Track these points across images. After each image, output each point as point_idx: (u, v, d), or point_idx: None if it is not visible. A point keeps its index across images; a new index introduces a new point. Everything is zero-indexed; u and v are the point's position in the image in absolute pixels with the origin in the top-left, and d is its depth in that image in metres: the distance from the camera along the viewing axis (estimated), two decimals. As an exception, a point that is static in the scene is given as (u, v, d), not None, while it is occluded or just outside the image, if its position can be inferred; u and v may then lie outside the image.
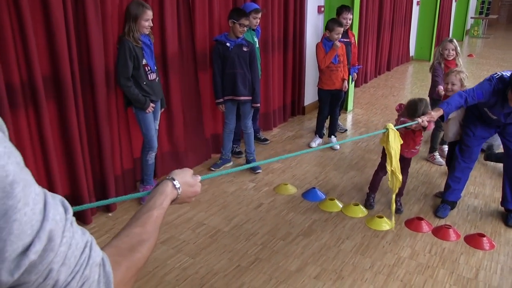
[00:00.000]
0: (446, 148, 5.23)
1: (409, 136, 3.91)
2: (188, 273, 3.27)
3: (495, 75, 3.76)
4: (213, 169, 4.91)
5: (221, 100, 4.69)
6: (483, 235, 3.77)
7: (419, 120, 3.60)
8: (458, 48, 5.22)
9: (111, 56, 3.81)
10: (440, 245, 3.72)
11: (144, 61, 3.84)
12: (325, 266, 3.38)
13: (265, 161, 3.14)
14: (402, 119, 3.87)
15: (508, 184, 4.06)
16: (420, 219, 4.00)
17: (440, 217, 4.10)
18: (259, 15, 4.96)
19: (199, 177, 1.47)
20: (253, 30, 5.03)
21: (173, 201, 1.34)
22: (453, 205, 4.24)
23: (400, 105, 4.19)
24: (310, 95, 7.01)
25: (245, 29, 4.49)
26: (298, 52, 6.55)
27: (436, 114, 3.71)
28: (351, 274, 3.30)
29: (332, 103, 5.69)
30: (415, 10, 11.87)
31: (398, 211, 4.16)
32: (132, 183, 4.39)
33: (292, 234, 3.79)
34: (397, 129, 3.42)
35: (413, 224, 3.97)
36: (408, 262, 3.47)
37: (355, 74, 6.34)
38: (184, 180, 1.37)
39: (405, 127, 3.70)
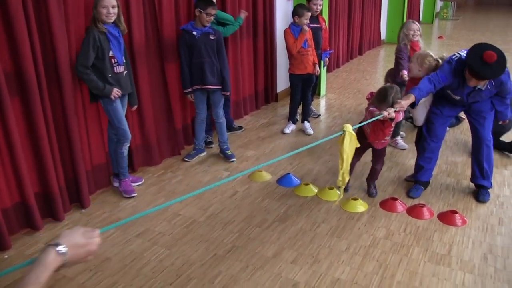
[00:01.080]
0: (399, 139, 5.29)
1: (378, 127, 3.84)
2: (164, 265, 3.25)
3: (453, 57, 3.78)
4: (187, 159, 4.88)
5: (189, 89, 4.64)
6: (456, 212, 3.82)
7: (385, 113, 3.54)
8: (421, 30, 5.22)
9: (76, 49, 3.73)
10: (415, 223, 3.76)
11: (110, 53, 3.77)
12: (301, 251, 3.39)
13: (270, 161, 2.98)
14: (371, 108, 3.80)
15: (476, 161, 4.13)
16: (395, 199, 4.04)
17: (413, 197, 4.14)
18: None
19: (97, 231, 1.39)
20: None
21: (62, 266, 1.26)
22: (425, 185, 4.28)
23: (371, 93, 4.12)
24: (283, 82, 6.99)
25: (212, 18, 4.44)
26: (268, 39, 6.51)
27: (406, 102, 3.65)
28: (328, 257, 3.31)
29: (304, 88, 5.68)
30: (385, -7, 11.93)
31: (372, 194, 4.18)
32: (106, 177, 4.34)
33: (268, 220, 3.79)
34: (362, 125, 3.41)
35: (387, 204, 4.01)
36: (384, 242, 3.50)
37: (327, 59, 6.35)
38: (73, 242, 1.29)
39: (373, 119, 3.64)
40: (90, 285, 3.05)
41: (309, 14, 5.36)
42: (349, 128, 3.17)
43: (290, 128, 5.77)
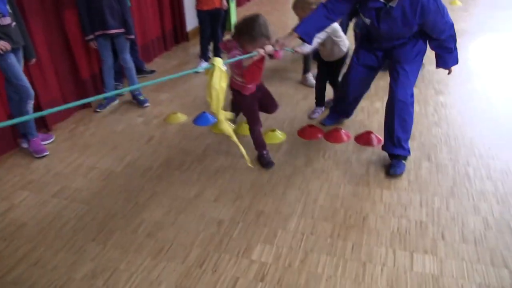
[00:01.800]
0: (309, 75, 5.15)
1: (254, 65, 3.12)
2: (85, 221, 3.11)
3: None
4: (98, 110, 4.66)
5: (91, 36, 4.35)
6: (371, 132, 3.90)
7: (260, 51, 2.98)
8: None
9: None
10: (333, 148, 3.81)
11: None
12: (223, 188, 3.36)
13: (152, 81, 2.76)
14: (234, 52, 3.21)
15: (386, 126, 3.50)
16: (312, 126, 4.06)
17: (325, 124, 4.18)
18: None
19: None
20: None
21: None
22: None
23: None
24: (192, 20, 6.74)
25: None
26: (172, -25, 6.23)
27: (287, 40, 3.13)
28: (250, 191, 3.31)
29: (212, 24, 5.51)
30: None
31: (267, 165, 3.61)
32: (12, 140, 4.06)
33: (187, 162, 3.72)
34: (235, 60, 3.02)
35: (305, 132, 4.03)
36: (304, 170, 3.53)
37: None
38: None
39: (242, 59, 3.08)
40: (6, 254, 2.88)
41: None
42: (219, 62, 2.71)
43: (203, 65, 5.62)
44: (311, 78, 5.11)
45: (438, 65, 3.41)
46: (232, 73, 3.35)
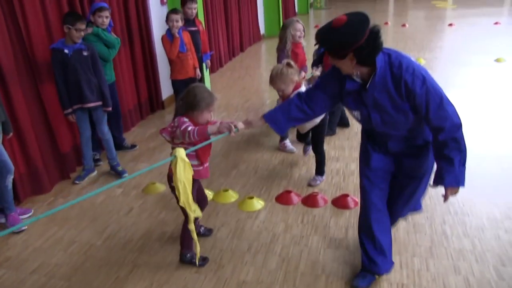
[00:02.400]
0: (287, 141, 5.15)
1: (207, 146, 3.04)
2: (65, 298, 3.09)
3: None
4: (77, 182, 4.67)
5: (69, 110, 4.43)
6: (347, 195, 3.99)
7: (231, 130, 2.85)
8: (304, 30, 5.04)
9: None
10: (311, 213, 3.88)
11: None
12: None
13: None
14: (184, 122, 2.94)
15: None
16: (289, 192, 4.14)
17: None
18: (105, 13, 4.74)
19: None
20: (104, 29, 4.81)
21: None
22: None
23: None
24: (168, 88, 6.90)
25: (82, 33, 4.27)
26: (147, 47, 6.41)
27: (256, 123, 2.91)
28: (231, 260, 3.32)
29: None
30: (258, -12, 12.18)
31: (205, 233, 3.63)
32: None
33: (167, 232, 3.73)
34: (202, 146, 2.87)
35: (283, 198, 4.10)
36: (284, 236, 3.58)
37: (208, 61, 6.36)
38: None
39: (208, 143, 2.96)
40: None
41: (177, 16, 5.29)
42: (181, 153, 2.64)
43: None
44: (289, 144, 5.17)
45: (434, 179, 2.61)
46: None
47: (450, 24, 12.83)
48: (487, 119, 5.72)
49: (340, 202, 3.97)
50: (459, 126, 2.41)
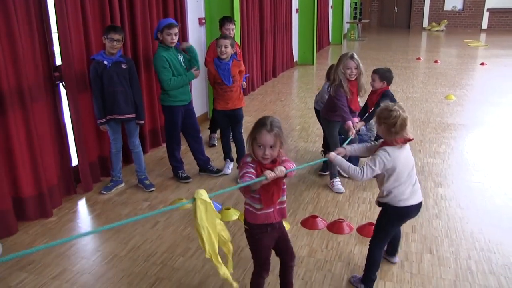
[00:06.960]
0: (336, 180, 4.78)
1: (270, 187, 2.58)
2: (85, 305, 3.10)
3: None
4: (104, 192, 4.72)
5: (103, 120, 4.51)
6: (373, 224, 3.92)
7: (269, 175, 2.42)
8: (361, 66, 4.50)
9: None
10: (336, 239, 3.84)
11: None
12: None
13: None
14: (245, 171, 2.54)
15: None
16: (315, 217, 4.11)
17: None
18: (174, 30, 4.56)
19: None
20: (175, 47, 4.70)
21: None
22: None
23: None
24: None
25: (115, 43, 4.34)
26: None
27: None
28: (253, 280, 3.30)
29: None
30: (295, 17, 12.34)
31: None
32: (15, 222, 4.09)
33: (191, 248, 3.73)
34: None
35: (308, 222, 4.07)
36: (307, 260, 3.54)
37: (244, 83, 6.36)
38: None
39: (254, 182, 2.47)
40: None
41: (227, 42, 4.83)
42: (203, 195, 2.26)
43: (230, 167, 5.35)
44: (338, 183, 4.78)
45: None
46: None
47: (482, 63, 12.72)
48: (519, 158, 5.63)
49: (365, 231, 3.92)
50: None
